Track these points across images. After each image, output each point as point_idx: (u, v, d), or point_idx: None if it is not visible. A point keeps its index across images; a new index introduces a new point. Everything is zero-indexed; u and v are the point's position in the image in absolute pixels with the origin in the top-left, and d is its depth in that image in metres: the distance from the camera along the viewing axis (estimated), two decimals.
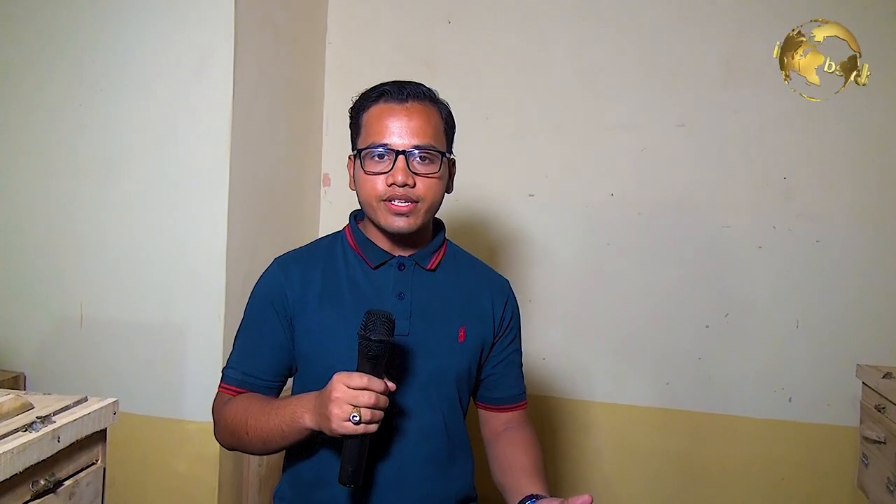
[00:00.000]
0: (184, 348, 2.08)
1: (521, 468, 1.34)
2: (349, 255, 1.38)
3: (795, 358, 2.41)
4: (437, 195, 1.32)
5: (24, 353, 2.18)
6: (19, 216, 2.19)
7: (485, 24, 2.56)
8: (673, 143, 2.46)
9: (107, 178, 2.12)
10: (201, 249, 2.07)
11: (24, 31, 2.16)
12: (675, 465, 2.50)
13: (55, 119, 2.15)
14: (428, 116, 1.30)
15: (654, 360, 2.51)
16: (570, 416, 2.55)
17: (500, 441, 1.43)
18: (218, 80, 2.05)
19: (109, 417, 1.19)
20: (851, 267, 2.37)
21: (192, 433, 2.07)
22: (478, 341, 1.39)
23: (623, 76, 2.48)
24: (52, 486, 1.07)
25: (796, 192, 2.40)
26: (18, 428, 1.03)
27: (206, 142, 2.06)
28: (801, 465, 2.42)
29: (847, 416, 2.33)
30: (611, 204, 2.50)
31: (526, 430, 1.45)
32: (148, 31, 2.08)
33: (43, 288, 2.17)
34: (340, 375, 1.13)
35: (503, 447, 1.41)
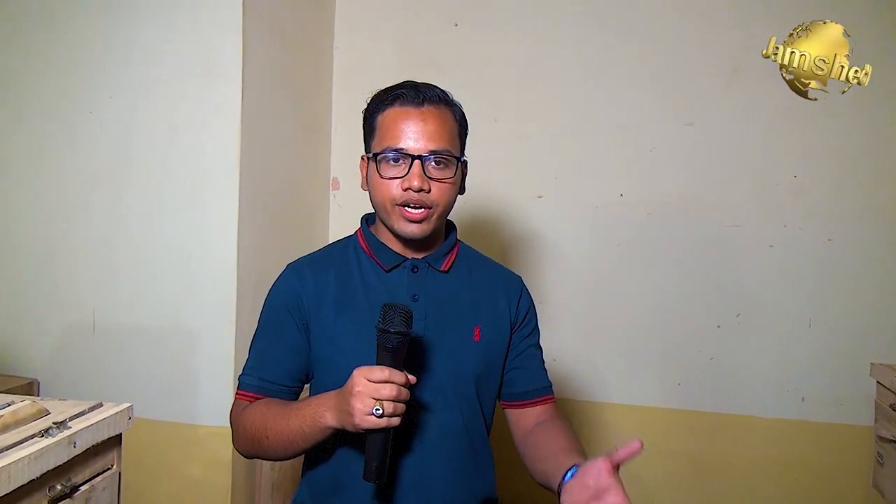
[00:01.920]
0: (196, 353, 2.09)
1: (559, 449, 1.27)
2: (362, 258, 1.38)
3: (808, 357, 2.40)
4: (450, 200, 1.32)
5: (37, 359, 2.20)
6: (31, 223, 2.21)
7: (491, 27, 2.57)
8: (681, 142, 2.46)
9: (118, 185, 2.13)
10: (212, 254, 2.08)
11: (34, 39, 2.18)
12: (687, 465, 2.49)
13: (66, 126, 2.16)
14: (444, 120, 1.30)
15: (666, 360, 2.51)
16: (582, 418, 2.54)
17: (532, 434, 1.38)
18: (227, 85, 2.05)
19: (124, 423, 1.20)
20: (864, 265, 2.36)
21: (205, 438, 2.07)
22: (494, 339, 1.39)
23: (631, 76, 2.48)
24: (69, 491, 1.07)
25: (806, 190, 2.39)
26: (35, 433, 1.03)
27: (215, 147, 2.07)
28: (814, 465, 2.41)
29: (861, 416, 2.31)
30: (620, 204, 2.50)
31: (560, 420, 1.40)
32: (157, 37, 2.10)
33: (56, 295, 2.18)
34: (361, 370, 1.12)
35: (537, 437, 1.36)
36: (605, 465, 1.09)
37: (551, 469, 1.22)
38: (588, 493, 1.08)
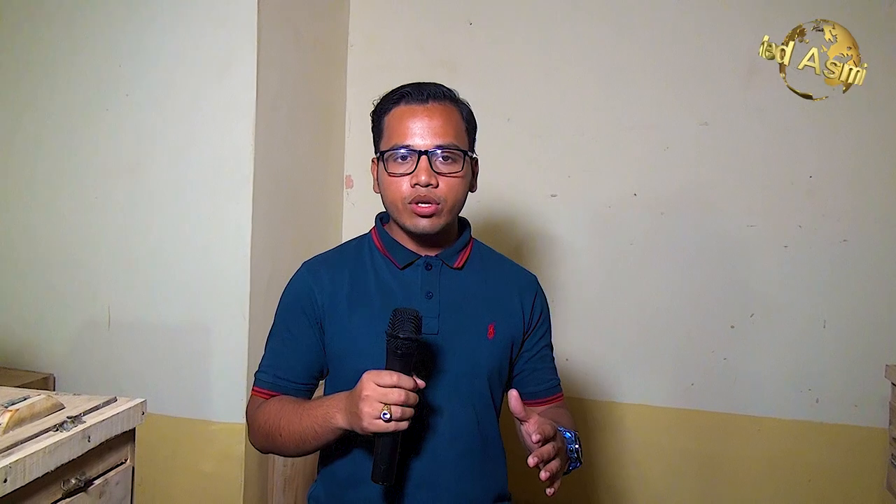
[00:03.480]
0: (209, 349, 2.11)
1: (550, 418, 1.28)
2: (376, 256, 1.38)
3: (823, 358, 2.38)
4: (460, 195, 1.32)
5: (53, 354, 2.22)
6: (47, 220, 2.23)
7: (505, 26, 2.56)
8: (696, 141, 2.44)
9: (133, 182, 2.15)
10: (226, 251, 2.09)
11: (51, 37, 2.20)
12: (700, 466, 2.48)
13: (82, 124, 2.19)
14: (449, 116, 1.31)
15: (679, 360, 2.49)
16: (594, 417, 2.54)
17: None
18: (241, 83, 2.07)
19: (138, 417, 1.21)
20: (879, 266, 2.34)
21: (218, 433, 2.09)
22: (508, 337, 1.39)
23: (645, 75, 2.47)
24: (83, 485, 1.08)
25: (821, 190, 2.37)
26: (49, 427, 1.04)
27: (229, 144, 2.08)
28: (828, 467, 2.39)
29: (876, 418, 2.30)
30: (633, 204, 2.49)
31: (563, 409, 1.44)
32: (172, 36, 2.11)
33: (71, 291, 2.21)
34: (370, 374, 1.14)
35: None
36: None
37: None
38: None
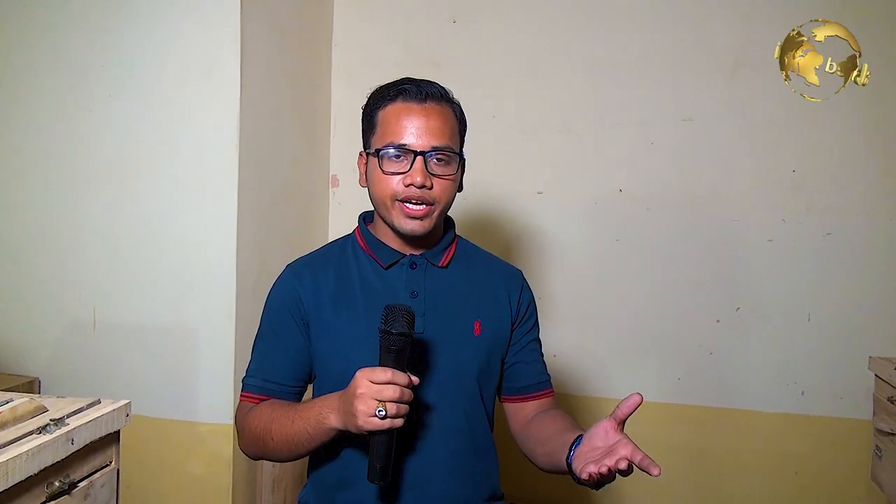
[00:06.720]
0: (196, 351, 2.10)
1: (561, 429, 1.28)
2: (360, 256, 1.38)
3: (808, 351, 2.40)
4: (451, 197, 1.33)
5: (38, 357, 2.20)
6: (31, 222, 2.21)
7: (490, 23, 2.57)
8: (681, 137, 2.45)
9: (117, 183, 2.14)
10: (212, 252, 2.08)
11: (33, 36, 2.18)
12: (687, 460, 2.50)
13: (65, 124, 2.17)
14: (445, 117, 1.31)
15: (666, 355, 2.51)
16: (582, 413, 2.54)
17: (531, 422, 1.39)
18: (225, 82, 2.06)
19: (122, 419, 1.20)
20: (863, 259, 2.36)
21: (205, 435, 2.08)
22: (494, 333, 1.39)
23: (630, 71, 2.48)
24: (67, 488, 1.07)
25: (805, 184, 2.39)
26: (32, 430, 1.03)
27: (214, 145, 2.07)
28: (814, 459, 2.41)
29: (860, 409, 2.32)
30: (619, 199, 2.50)
31: (557, 409, 1.42)
32: (155, 35, 2.10)
33: (56, 293, 2.19)
34: (363, 371, 1.12)
35: (536, 424, 1.37)
36: (609, 424, 1.12)
37: (556, 447, 1.23)
38: (598, 454, 1.10)
